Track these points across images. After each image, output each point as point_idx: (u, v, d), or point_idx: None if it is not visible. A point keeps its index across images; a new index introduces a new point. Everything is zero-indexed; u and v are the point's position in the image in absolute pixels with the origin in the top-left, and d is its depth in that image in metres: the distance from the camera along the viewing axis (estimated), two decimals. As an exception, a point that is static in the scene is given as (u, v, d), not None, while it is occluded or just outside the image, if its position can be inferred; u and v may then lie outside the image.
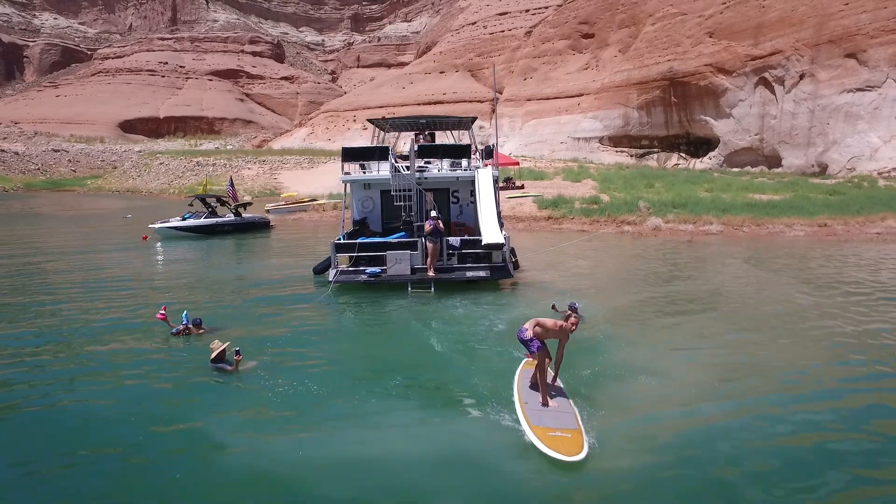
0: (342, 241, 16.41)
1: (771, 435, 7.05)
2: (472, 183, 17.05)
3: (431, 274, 15.41)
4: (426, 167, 17.45)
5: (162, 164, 76.28)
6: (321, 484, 6.13)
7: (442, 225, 15.76)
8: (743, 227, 25.47)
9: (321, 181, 53.13)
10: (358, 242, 16.15)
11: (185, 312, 11.67)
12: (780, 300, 13.69)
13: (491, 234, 15.06)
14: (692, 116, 59.45)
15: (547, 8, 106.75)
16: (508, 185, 38.58)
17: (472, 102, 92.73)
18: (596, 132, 68.79)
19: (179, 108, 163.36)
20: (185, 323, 11.43)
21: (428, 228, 15.43)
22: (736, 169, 53.41)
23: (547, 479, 6.13)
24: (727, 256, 20.12)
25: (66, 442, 7.22)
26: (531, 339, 7.40)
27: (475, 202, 16.62)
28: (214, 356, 9.55)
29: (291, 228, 32.34)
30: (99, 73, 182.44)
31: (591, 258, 20.36)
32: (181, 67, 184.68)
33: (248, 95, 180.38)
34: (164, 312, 11.54)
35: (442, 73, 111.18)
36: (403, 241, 16.10)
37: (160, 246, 25.93)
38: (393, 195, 16.95)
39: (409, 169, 17.00)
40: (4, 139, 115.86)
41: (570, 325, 7.46)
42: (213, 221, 29.67)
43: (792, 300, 13.67)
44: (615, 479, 6.12)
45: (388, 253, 15.60)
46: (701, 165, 57.96)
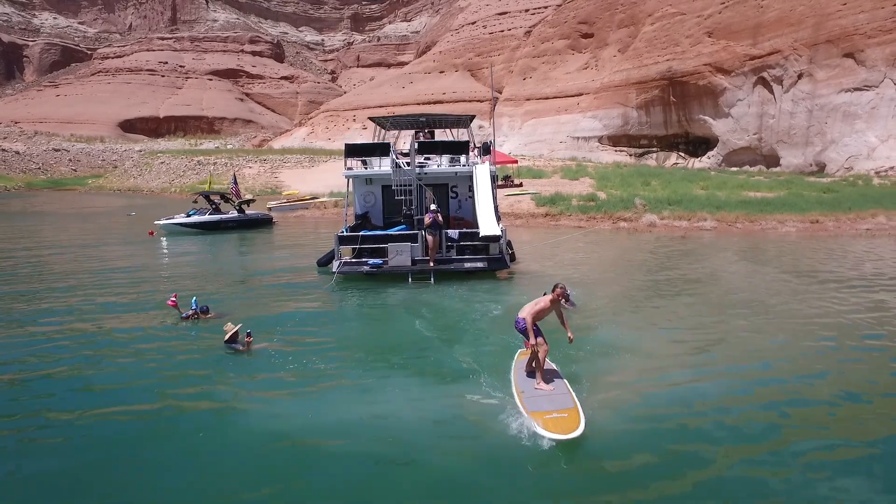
0: (345, 233, 17.02)
1: (740, 395, 8.04)
2: (470, 178, 17.63)
3: (432, 265, 15.97)
4: (426, 163, 18.01)
5: (163, 163, 76.55)
6: (328, 439, 6.89)
7: (441, 218, 16.31)
8: (736, 223, 25.87)
9: (322, 179, 53.40)
10: (360, 235, 16.79)
11: (194, 299, 12.28)
12: (759, 288, 14.52)
13: (488, 226, 15.70)
14: (691, 116, 59.73)
15: (546, 8, 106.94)
16: (507, 183, 38.85)
17: (471, 102, 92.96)
18: (595, 132, 69.07)
19: (179, 107, 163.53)
20: (194, 309, 11.99)
21: (427, 221, 16.04)
22: (734, 168, 53.69)
23: (547, 454, 6.50)
24: (717, 250, 20.73)
25: (96, 407, 8.00)
26: (526, 328, 7.81)
27: (473, 197, 17.21)
28: (228, 337, 10.09)
29: (293, 225, 32.80)
30: (99, 72, 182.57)
31: (585, 252, 20.95)
32: (181, 67, 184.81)
33: (247, 95, 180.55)
34: (174, 299, 12.07)
35: (442, 72, 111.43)
36: (404, 233, 16.72)
37: (166, 241, 26.60)
38: (394, 190, 17.60)
39: (409, 165, 17.58)
40: (5, 139, 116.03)
41: (556, 295, 7.93)
42: (217, 218, 30.19)
43: (771, 288, 14.48)
44: (611, 447, 6.63)
45: (389, 245, 16.23)
46: (700, 165, 58.22)
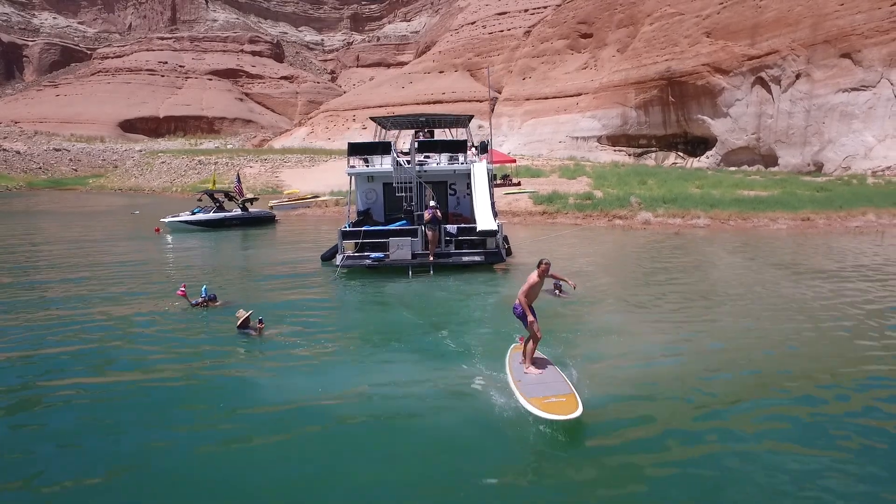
0: (348, 229, 17.71)
1: (717, 369, 8.91)
2: (467, 176, 18.31)
3: (431, 258, 16.67)
4: (426, 161, 18.62)
5: (164, 162, 76.79)
6: (333, 407, 7.72)
7: (440, 214, 16.95)
8: (729, 220, 26.39)
9: (322, 179, 53.71)
10: (363, 230, 17.45)
11: (203, 287, 12.94)
12: (742, 279, 15.42)
13: (485, 221, 16.48)
14: (689, 116, 60.00)
15: (546, 8, 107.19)
16: (506, 182, 39.18)
17: (471, 102, 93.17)
18: (594, 131, 69.33)
19: (179, 107, 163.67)
20: (203, 297, 12.60)
21: (427, 217, 16.71)
22: (733, 168, 53.93)
23: (546, 433, 6.91)
24: (707, 246, 21.41)
25: (121, 384, 8.70)
26: (523, 313, 8.28)
27: (471, 194, 17.89)
28: (240, 322, 10.68)
29: (295, 223, 33.35)
30: (98, 72, 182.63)
31: (580, 247, 21.60)
32: (181, 67, 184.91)
33: (247, 95, 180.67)
34: (183, 289, 12.66)
35: (441, 72, 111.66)
36: (405, 228, 17.42)
37: (173, 238, 27.29)
38: (395, 187, 18.27)
39: (409, 163, 18.23)
40: (5, 138, 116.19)
41: (541, 270, 8.45)
42: (221, 216, 30.77)
43: (753, 279, 15.32)
44: (605, 426, 7.14)
45: (390, 239, 16.94)
46: (698, 164, 58.47)
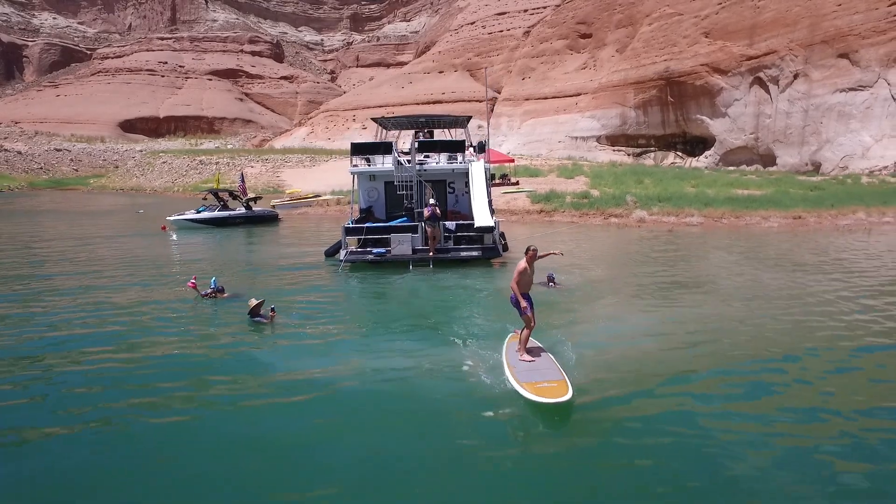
0: (351, 225, 18.43)
1: (697, 353, 9.56)
2: (466, 175, 18.95)
3: (432, 254, 17.33)
4: (425, 161, 19.30)
5: (165, 162, 77.04)
6: (339, 383, 8.45)
7: (439, 211, 17.58)
8: (722, 219, 26.91)
9: (322, 179, 54.04)
10: (365, 227, 18.13)
11: (213, 279, 13.51)
12: (727, 272, 16.39)
13: (482, 218, 17.20)
14: (688, 116, 60.29)
15: (545, 8, 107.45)
16: (504, 181, 39.56)
17: (470, 102, 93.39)
18: (594, 131, 69.62)
19: (179, 107, 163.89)
20: (213, 288, 13.16)
21: (427, 214, 17.35)
22: (732, 168, 54.21)
23: (538, 416, 7.27)
24: (698, 242, 22.12)
25: (142, 366, 9.42)
26: (518, 300, 8.64)
27: (469, 192, 18.58)
28: (251, 309, 11.28)
29: (298, 222, 34.00)
30: (98, 72, 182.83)
31: (575, 244, 22.25)
32: (181, 67, 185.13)
33: (247, 95, 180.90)
34: (193, 282, 13.29)
35: (441, 72, 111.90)
36: (405, 225, 18.09)
37: (179, 235, 27.98)
38: (396, 185, 19.01)
39: (410, 162, 18.94)
40: (6, 139, 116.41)
41: (529, 256, 8.86)
42: (225, 214, 31.39)
43: (737, 272, 16.32)
44: (595, 408, 7.51)
45: (392, 235, 17.65)
46: (697, 164, 58.74)
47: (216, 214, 31.15)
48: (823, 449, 6.42)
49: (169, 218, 30.51)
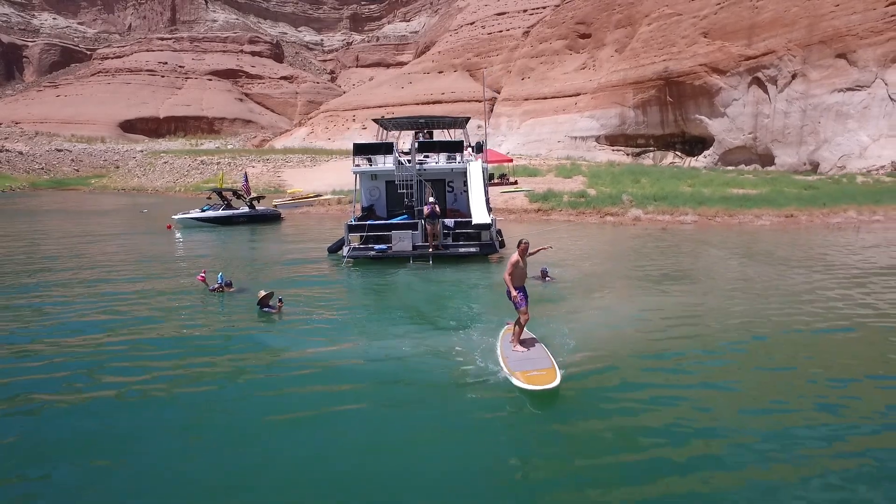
0: (354, 223, 19.10)
1: (681, 340, 10.03)
2: (464, 174, 19.56)
3: (431, 250, 17.99)
4: (425, 160, 19.94)
5: (166, 162, 77.30)
6: (344, 365, 9.08)
7: (438, 209, 18.21)
8: (716, 217, 27.35)
9: (323, 178, 54.33)
10: (368, 224, 18.83)
11: (220, 274, 13.95)
12: (713, 266, 17.20)
13: (480, 215, 17.85)
14: (687, 116, 60.55)
15: (544, 8, 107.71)
16: (503, 180, 39.90)
17: (470, 102, 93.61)
18: (593, 131, 69.90)
19: (179, 107, 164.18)
20: (220, 283, 13.62)
21: (427, 212, 17.96)
22: (731, 168, 54.43)
23: (529, 403, 7.60)
24: (691, 239, 22.68)
25: (159, 346, 9.99)
26: (516, 297, 8.93)
27: (467, 191, 19.18)
28: (260, 300, 11.88)
29: (300, 220, 34.58)
30: (99, 73, 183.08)
31: (570, 241, 22.81)
32: (181, 67, 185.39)
33: (247, 95, 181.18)
34: (203, 275, 13.86)
35: (440, 72, 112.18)
36: (406, 222, 18.77)
37: (185, 233, 28.57)
38: (396, 184, 19.71)
39: (410, 162, 19.60)
40: (6, 139, 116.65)
41: (521, 250, 9.16)
42: (229, 213, 31.99)
43: (723, 266, 17.08)
44: (582, 394, 7.85)
45: (393, 232, 18.31)
46: (696, 164, 58.96)
47: (221, 213, 31.70)
48: (793, 418, 7.07)
49: (174, 217, 30.99)
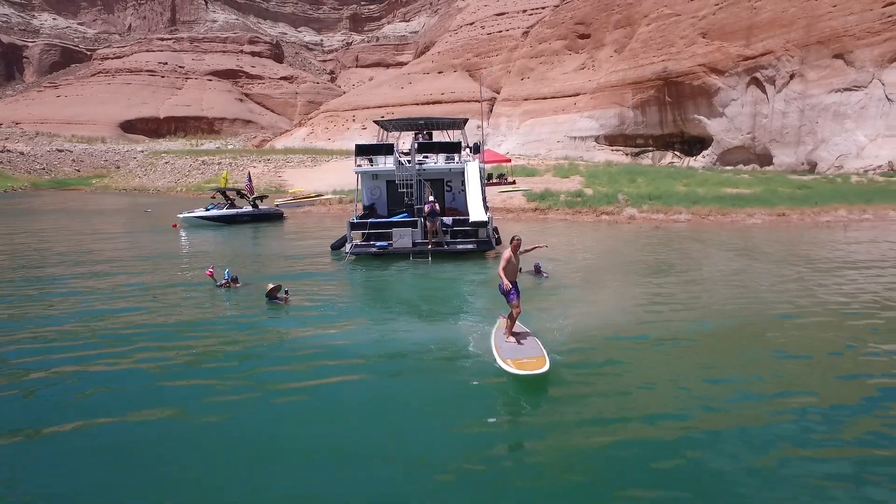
0: (356, 221, 19.83)
1: (664, 330, 10.53)
2: (462, 174, 20.30)
3: (430, 246, 18.70)
4: (424, 161, 20.65)
5: (167, 163, 77.61)
6: (348, 350, 9.73)
7: (438, 207, 18.94)
8: (709, 216, 27.79)
9: (324, 178, 54.65)
10: (369, 221, 19.59)
11: (227, 270, 14.59)
12: (700, 261, 17.90)
13: (477, 214, 18.65)
14: (686, 116, 60.82)
15: (544, 8, 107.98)
16: (501, 180, 40.26)
17: (469, 102, 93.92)
18: (592, 131, 70.17)
19: (179, 108, 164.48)
20: (227, 278, 14.19)
21: (427, 210, 18.70)
22: (729, 167, 54.68)
23: (520, 388, 8.08)
24: (682, 237, 23.26)
25: (177, 344, 10.42)
26: (508, 291, 9.25)
27: (465, 190, 19.91)
28: (269, 292, 12.59)
29: (302, 219, 35.26)
30: (99, 73, 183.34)
31: (565, 239, 23.41)
32: (181, 67, 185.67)
33: (247, 95, 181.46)
34: (211, 270, 14.41)
35: (440, 73, 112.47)
36: (406, 220, 19.48)
37: (190, 231, 29.30)
38: (397, 184, 20.47)
39: (410, 162, 20.32)
40: (6, 139, 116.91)
41: (513, 246, 9.50)
42: (234, 212, 32.67)
43: (708, 261, 17.87)
44: (569, 381, 8.29)
45: (393, 230, 19.02)
46: (695, 164, 59.18)
47: (225, 212, 32.37)
48: (768, 397, 7.66)
49: (180, 215, 31.65)
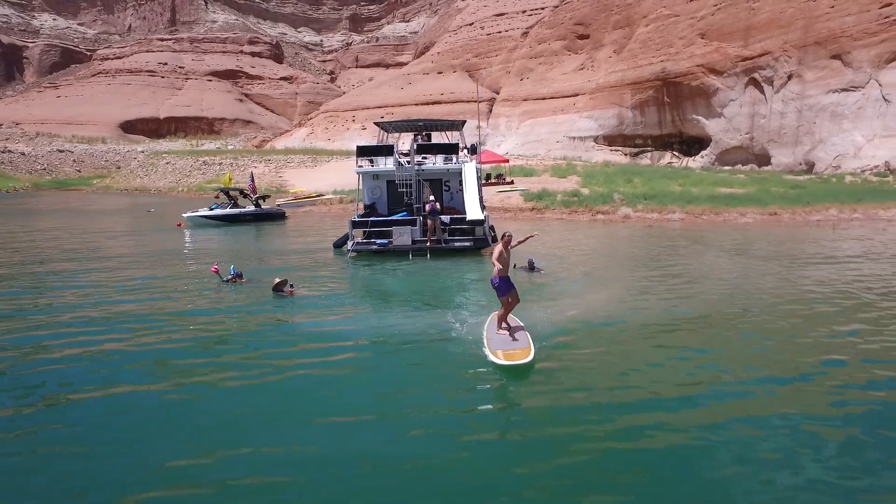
0: (357, 219, 20.58)
1: (653, 319, 11.06)
2: (460, 174, 21.07)
3: (429, 244, 19.43)
4: (423, 161, 21.47)
5: (168, 163, 77.88)
6: (350, 338, 10.37)
7: (438, 206, 19.78)
8: (702, 215, 28.29)
9: (324, 179, 54.89)
10: (370, 220, 20.33)
11: (232, 266, 15.12)
12: (688, 257, 18.54)
13: (474, 212, 19.44)
14: (685, 116, 61.11)
15: (543, 9, 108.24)
16: (499, 180, 40.59)
17: (469, 102, 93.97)
18: (591, 131, 70.45)
19: (179, 108, 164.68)
20: (232, 274, 14.67)
21: (428, 209, 19.52)
22: (727, 167, 54.94)
23: (505, 376, 8.56)
24: (674, 235, 23.76)
25: (188, 336, 10.96)
26: (498, 285, 9.52)
27: (462, 189, 20.69)
28: (275, 286, 13.28)
29: (303, 219, 35.92)
30: (99, 73, 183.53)
31: (560, 237, 23.99)
32: (180, 68, 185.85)
33: (247, 96, 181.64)
34: (216, 267, 14.91)
35: (440, 73, 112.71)
36: (406, 219, 20.27)
37: (195, 230, 29.92)
38: (397, 184, 21.24)
39: (409, 163, 21.08)
40: (7, 140, 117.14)
41: (504, 242, 9.80)
42: (237, 211, 33.35)
43: (697, 257, 18.38)
44: (552, 370, 8.64)
45: (394, 228, 19.80)
46: (694, 164, 59.46)
47: (228, 211, 33.00)
48: (748, 381, 8.11)
49: (184, 214, 32.22)
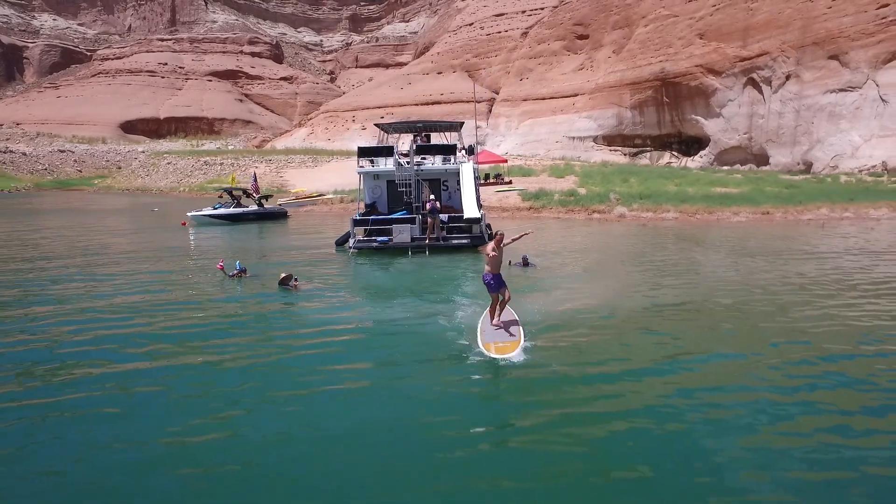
0: (358, 218, 21.31)
1: (645, 314, 11.56)
2: (457, 174, 21.84)
3: (428, 242, 20.11)
4: (423, 162, 22.17)
5: (170, 163, 78.12)
6: (351, 328, 11.30)
7: (438, 205, 20.45)
8: (696, 214, 28.67)
9: (325, 178, 55.15)
10: (371, 218, 21.08)
11: (237, 262, 15.64)
12: (675, 253, 19.06)
13: (471, 211, 20.23)
14: (683, 116, 61.38)
15: (543, 9, 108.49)
16: (498, 180, 40.91)
17: (468, 103, 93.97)
18: (590, 131, 70.73)
19: (179, 108, 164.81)
20: (237, 269, 15.23)
21: (428, 207, 20.19)
22: (725, 167, 55.25)
23: (491, 367, 8.97)
24: (666, 234, 24.24)
25: (194, 321, 11.77)
26: (489, 281, 9.85)
27: (460, 189, 21.43)
28: (281, 280, 13.91)
29: (305, 218, 36.40)
30: (99, 73, 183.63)
31: (556, 235, 24.55)
32: (181, 68, 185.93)
33: (247, 96, 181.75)
34: (221, 263, 15.40)
35: (440, 73, 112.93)
36: (405, 217, 20.99)
37: (199, 229, 30.50)
38: (397, 183, 21.98)
39: (409, 163, 21.77)
40: (8, 140, 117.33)
41: (496, 241, 10.09)
42: (240, 210, 33.93)
43: (684, 254, 19.04)
44: (541, 364, 8.89)
45: (394, 226, 20.49)
46: (692, 164, 59.73)
47: (232, 210, 33.48)
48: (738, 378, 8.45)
49: (189, 213, 32.76)
